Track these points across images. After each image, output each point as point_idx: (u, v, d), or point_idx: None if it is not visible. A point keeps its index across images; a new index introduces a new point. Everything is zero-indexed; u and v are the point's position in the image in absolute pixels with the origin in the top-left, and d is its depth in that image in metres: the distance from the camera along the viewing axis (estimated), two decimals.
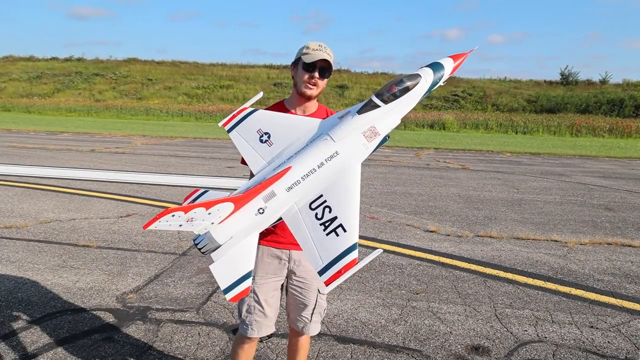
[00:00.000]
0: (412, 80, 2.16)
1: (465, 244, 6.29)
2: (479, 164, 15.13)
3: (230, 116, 2.39)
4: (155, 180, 10.30)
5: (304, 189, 2.03)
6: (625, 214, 8.32)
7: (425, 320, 4.07)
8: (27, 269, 4.94)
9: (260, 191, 2.00)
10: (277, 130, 2.27)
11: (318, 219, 2.01)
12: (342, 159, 2.07)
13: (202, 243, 1.99)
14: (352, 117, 2.12)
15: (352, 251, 1.93)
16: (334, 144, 2.08)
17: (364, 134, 2.10)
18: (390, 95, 2.12)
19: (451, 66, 2.31)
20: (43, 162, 12.45)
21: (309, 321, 2.71)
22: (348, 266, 1.90)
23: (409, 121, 34.40)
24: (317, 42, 2.51)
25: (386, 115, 2.13)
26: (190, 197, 2.19)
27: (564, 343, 3.74)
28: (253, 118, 2.35)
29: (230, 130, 2.36)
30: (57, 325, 3.75)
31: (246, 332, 2.61)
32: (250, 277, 1.98)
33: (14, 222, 6.58)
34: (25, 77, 50.93)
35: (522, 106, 41.85)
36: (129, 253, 5.52)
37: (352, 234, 1.96)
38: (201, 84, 48.55)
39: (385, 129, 2.14)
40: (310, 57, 2.43)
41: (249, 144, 2.29)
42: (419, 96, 2.19)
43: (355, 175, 2.08)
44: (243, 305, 2.60)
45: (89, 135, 21.66)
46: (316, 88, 2.50)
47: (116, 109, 40.66)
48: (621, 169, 14.82)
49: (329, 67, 2.48)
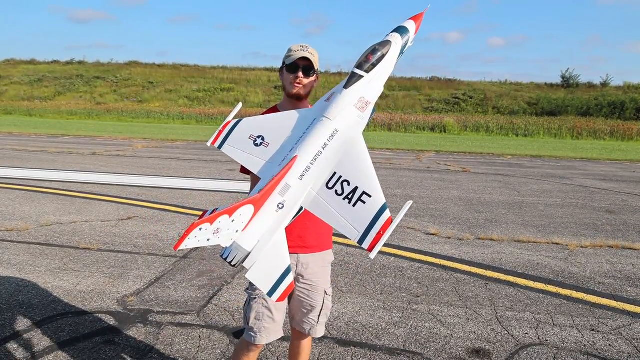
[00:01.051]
0: (384, 46, 2.23)
1: (466, 246, 6.29)
2: (479, 166, 15.13)
3: (216, 133, 2.38)
4: (156, 183, 10.31)
5: (316, 173, 2.05)
6: (626, 217, 8.32)
7: (426, 323, 4.06)
8: (28, 271, 4.95)
9: (274, 187, 1.99)
10: (270, 130, 2.28)
11: (339, 194, 2.04)
12: (343, 134, 2.11)
13: (231, 255, 1.94)
14: (340, 93, 2.16)
15: (384, 211, 1.96)
16: (331, 122, 2.12)
17: (356, 106, 2.16)
18: (370, 65, 2.19)
19: (414, 27, 2.40)
20: (44, 165, 12.47)
21: (316, 323, 2.70)
22: (385, 226, 1.93)
23: (410, 124, 34.44)
24: (300, 44, 2.55)
25: (371, 84, 2.20)
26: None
27: (565, 346, 3.73)
28: (240, 128, 2.35)
29: (221, 145, 2.35)
30: (58, 328, 3.75)
31: (254, 340, 2.57)
32: (290, 272, 1.98)
33: (15, 225, 6.59)
34: (26, 81, 51.04)
35: (523, 109, 41.84)
36: (130, 256, 5.53)
37: (378, 196, 1.99)
38: (202, 87, 48.63)
39: (373, 97, 2.21)
40: (291, 58, 2.50)
41: (244, 152, 2.28)
42: (394, 60, 2.28)
43: (360, 145, 2.12)
44: (251, 312, 2.56)
45: (90, 138, 21.69)
46: (303, 87, 2.53)
47: (117, 112, 40.73)
48: (622, 172, 14.81)
49: (313, 66, 2.52)
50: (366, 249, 1.94)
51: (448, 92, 46.15)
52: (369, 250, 1.94)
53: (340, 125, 2.12)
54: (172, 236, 6.30)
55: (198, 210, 7.88)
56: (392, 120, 34.90)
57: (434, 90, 46.99)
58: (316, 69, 2.57)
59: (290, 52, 2.53)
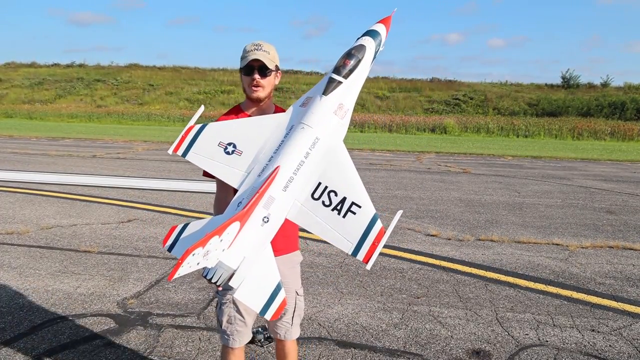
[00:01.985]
0: (360, 51, 2.21)
1: (467, 247, 6.29)
2: (480, 167, 15.13)
3: (179, 139, 2.19)
4: (156, 185, 10.32)
5: (300, 184, 2.00)
6: (626, 217, 8.31)
7: (426, 324, 4.06)
8: (28, 274, 4.95)
9: (258, 201, 1.91)
10: (241, 137, 2.16)
11: (327, 205, 1.98)
12: (325, 142, 2.06)
13: (215, 275, 1.83)
14: (320, 99, 2.11)
15: (376, 221, 1.93)
16: (312, 130, 2.05)
17: (336, 113, 2.11)
18: (348, 70, 2.16)
19: (384, 31, 2.37)
20: (44, 168, 12.48)
21: (290, 325, 2.67)
22: (379, 237, 1.91)
23: (410, 125, 34.44)
24: (253, 43, 2.45)
25: (349, 89, 2.17)
26: (170, 236, 2.00)
27: (566, 347, 3.73)
28: (207, 134, 2.19)
29: (186, 153, 2.18)
30: (58, 331, 3.76)
31: (228, 343, 2.57)
32: (281, 289, 1.90)
33: (16, 228, 6.60)
34: (27, 84, 51.09)
35: (524, 110, 41.83)
36: (130, 258, 5.53)
37: (368, 206, 1.96)
38: (202, 89, 48.64)
39: (351, 102, 2.17)
40: (244, 60, 2.41)
41: (214, 160, 2.15)
42: (369, 64, 2.25)
43: (343, 153, 2.08)
44: (223, 315, 2.54)
45: (90, 141, 21.71)
46: (261, 89, 2.43)
47: (117, 115, 40.74)
48: (623, 172, 14.80)
49: (268, 65, 2.41)
50: (361, 261, 1.92)
51: (448, 93, 46.13)
52: (364, 262, 1.91)
53: (322, 133, 2.06)
54: None
55: (198, 212, 7.89)
56: (393, 122, 34.92)
57: (435, 92, 46.97)
58: (273, 67, 2.44)
59: (244, 53, 2.42)
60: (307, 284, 4.88)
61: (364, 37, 2.28)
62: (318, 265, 5.43)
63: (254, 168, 2.08)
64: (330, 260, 5.60)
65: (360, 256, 1.92)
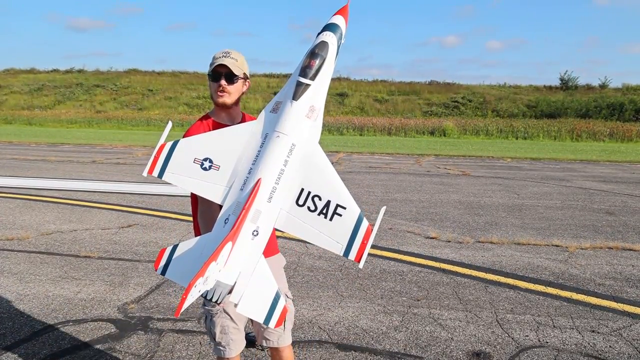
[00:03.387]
0: (323, 49, 2.18)
1: (466, 250, 6.30)
2: (479, 169, 15.15)
3: (152, 160, 2.12)
4: (156, 190, 10.32)
5: (283, 192, 2.01)
6: (626, 218, 8.32)
7: (426, 326, 4.07)
8: (28, 280, 4.96)
9: (245, 216, 1.92)
10: (216, 151, 2.14)
11: (312, 210, 2.01)
12: (301, 148, 2.07)
13: (215, 294, 1.87)
14: (291, 105, 2.10)
15: (362, 221, 1.99)
16: (287, 137, 2.05)
17: (308, 116, 2.11)
18: (314, 71, 2.14)
19: (343, 22, 2.33)
20: (44, 174, 12.49)
21: (282, 332, 2.61)
22: (367, 235, 1.98)
23: (409, 128, 34.45)
24: (223, 51, 2.46)
25: (318, 90, 2.15)
26: (161, 260, 2.00)
27: (566, 348, 3.74)
28: (180, 151, 2.14)
29: (161, 173, 2.11)
30: (59, 337, 3.76)
31: (224, 354, 2.53)
32: (281, 296, 1.95)
33: (16, 234, 6.61)
34: (26, 90, 51.13)
35: (522, 111, 41.89)
36: (130, 263, 5.54)
37: (352, 207, 2.01)
38: (202, 94, 48.63)
39: (321, 102, 2.17)
40: (211, 67, 2.43)
41: (192, 178, 2.11)
42: (334, 60, 2.22)
43: (320, 155, 2.09)
44: (215, 327, 2.50)
45: (90, 147, 21.72)
46: (227, 94, 2.44)
47: (117, 120, 40.76)
48: (622, 173, 14.82)
49: (234, 72, 2.42)
50: (353, 260, 1.97)
51: (447, 96, 46.19)
52: (356, 261, 1.97)
53: (297, 139, 2.07)
54: (171, 242, 6.30)
55: None
56: (392, 125, 34.93)
57: (433, 94, 47.03)
58: (240, 74, 2.46)
59: (212, 60, 2.44)
60: (307, 287, 4.89)
61: (324, 32, 2.23)
62: (318, 269, 5.44)
63: (235, 182, 2.07)
64: (330, 263, 5.61)
65: (351, 256, 1.98)
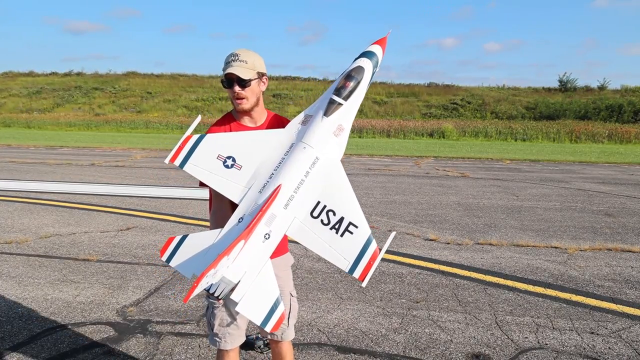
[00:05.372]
0: (359, 73, 2.27)
1: (465, 251, 6.30)
2: (478, 171, 15.16)
3: (176, 149, 2.18)
4: (155, 193, 10.32)
5: (300, 202, 2.07)
6: (625, 220, 8.33)
7: (425, 328, 4.06)
8: (27, 283, 4.95)
9: (260, 218, 1.97)
10: (241, 151, 2.18)
11: (325, 224, 2.06)
12: (324, 162, 2.13)
13: (218, 289, 1.91)
14: (321, 120, 2.17)
15: (371, 242, 2.05)
16: (312, 150, 2.12)
17: (335, 133, 2.18)
18: (348, 92, 2.22)
19: (381, 52, 2.42)
20: (43, 177, 12.48)
21: (286, 327, 2.71)
22: (374, 257, 2.03)
23: (409, 130, 34.48)
24: (232, 53, 2.38)
25: (348, 110, 2.23)
26: (168, 247, 2.03)
27: (565, 349, 3.73)
28: (205, 145, 2.19)
29: (183, 164, 2.16)
30: (58, 340, 3.75)
31: (219, 345, 2.58)
32: (280, 302, 1.98)
33: (14, 237, 6.60)
34: (25, 93, 51.13)
35: (521, 113, 41.95)
36: (129, 266, 5.53)
37: (364, 227, 2.06)
38: (200, 96, 48.70)
39: (349, 123, 2.24)
40: (223, 74, 2.37)
41: (213, 173, 2.15)
42: (367, 85, 2.30)
43: (341, 173, 2.15)
44: (215, 319, 2.55)
45: (88, 150, 21.71)
46: (245, 100, 2.38)
47: (116, 123, 40.76)
48: (621, 175, 14.83)
49: (243, 77, 2.33)
50: (357, 279, 2.01)
51: (446, 98, 46.26)
52: (360, 280, 2.01)
53: (321, 154, 2.13)
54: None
55: (197, 219, 7.89)
56: (391, 127, 34.96)
57: (432, 96, 47.09)
58: (252, 76, 2.36)
59: (224, 65, 2.37)
60: (307, 290, 4.89)
61: (361, 58, 2.33)
62: (317, 271, 5.44)
63: (254, 184, 2.12)
64: (329, 266, 5.60)
65: (356, 274, 2.02)
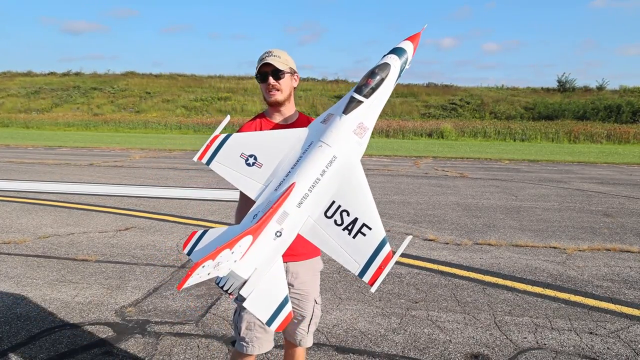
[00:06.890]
0: (383, 70, 2.21)
1: (464, 252, 6.30)
2: (477, 172, 15.17)
3: (204, 148, 2.28)
4: (153, 193, 10.31)
5: (314, 200, 2.03)
6: (623, 220, 8.34)
7: (424, 329, 4.06)
8: (25, 284, 4.94)
9: (272, 215, 1.95)
10: (262, 149, 2.22)
11: (338, 225, 2.01)
12: (341, 161, 2.08)
13: (227, 284, 1.90)
14: (340, 118, 2.13)
15: (385, 245, 1.96)
16: (330, 149, 2.07)
17: (355, 132, 2.12)
18: (369, 89, 2.16)
19: (411, 48, 2.37)
20: (41, 177, 12.47)
21: (306, 333, 2.68)
22: (386, 261, 1.93)
23: (407, 130, 34.53)
24: (266, 51, 2.50)
25: (370, 109, 2.17)
26: (190, 241, 2.06)
27: (564, 350, 3.74)
28: (231, 144, 2.26)
29: (210, 161, 2.26)
30: (56, 340, 3.75)
31: (246, 350, 2.54)
32: (288, 302, 1.95)
33: (13, 238, 6.58)
34: (23, 93, 51.08)
35: (520, 113, 42.02)
36: (128, 266, 5.52)
37: (378, 229, 1.98)
38: (199, 97, 48.69)
39: (372, 122, 2.18)
40: (257, 69, 2.47)
41: (236, 171, 2.21)
42: (393, 83, 2.25)
43: (360, 173, 2.09)
44: (242, 322, 2.53)
45: (87, 150, 21.69)
46: (279, 92, 2.48)
47: (114, 123, 40.76)
48: (619, 175, 14.85)
49: (280, 68, 2.44)
50: (367, 283, 1.93)
51: (445, 98, 46.31)
52: (369, 284, 1.93)
53: (339, 152, 2.08)
54: (170, 246, 6.30)
55: (196, 219, 7.89)
56: (390, 127, 34.99)
57: (431, 97, 47.14)
58: (286, 68, 2.48)
59: (257, 63, 2.49)
60: None
61: (389, 54, 2.29)
62: None
63: (272, 182, 2.13)
64: (328, 265, 5.59)
65: (366, 278, 1.94)
